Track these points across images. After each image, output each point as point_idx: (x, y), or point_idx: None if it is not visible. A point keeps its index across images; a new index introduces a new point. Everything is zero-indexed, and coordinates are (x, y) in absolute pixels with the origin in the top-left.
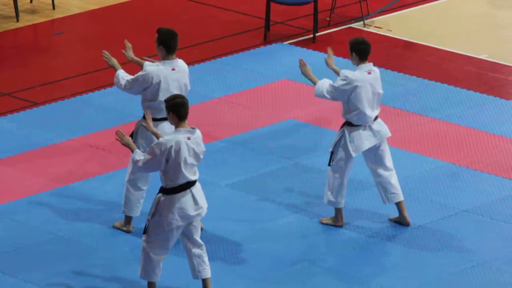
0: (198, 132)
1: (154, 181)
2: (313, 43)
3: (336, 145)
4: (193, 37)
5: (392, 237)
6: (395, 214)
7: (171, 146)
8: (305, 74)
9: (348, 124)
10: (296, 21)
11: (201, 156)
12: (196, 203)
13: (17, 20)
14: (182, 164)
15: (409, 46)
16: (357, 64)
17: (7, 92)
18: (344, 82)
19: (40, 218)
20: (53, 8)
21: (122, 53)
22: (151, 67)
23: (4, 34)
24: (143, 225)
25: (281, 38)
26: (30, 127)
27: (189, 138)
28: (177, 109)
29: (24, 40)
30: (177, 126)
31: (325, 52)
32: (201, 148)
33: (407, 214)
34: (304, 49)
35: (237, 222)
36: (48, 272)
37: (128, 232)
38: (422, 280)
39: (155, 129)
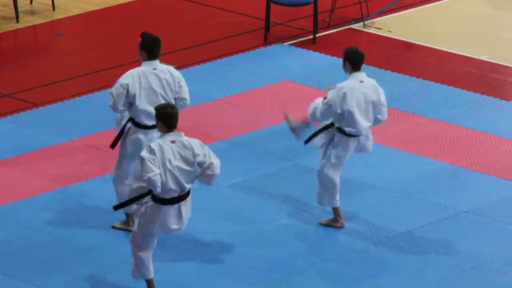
0: (184, 137)
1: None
2: (313, 44)
3: (325, 152)
4: (193, 38)
5: (392, 238)
6: (394, 214)
7: (155, 149)
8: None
9: (340, 130)
10: (296, 22)
11: (194, 160)
12: (180, 218)
13: (17, 21)
14: (167, 167)
15: (409, 47)
16: (350, 73)
17: (7, 93)
18: (332, 94)
19: (39, 219)
20: (53, 9)
21: (121, 53)
22: (127, 72)
23: (4, 35)
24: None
25: (281, 39)
26: (29, 128)
27: (173, 142)
28: (167, 119)
29: (24, 41)
30: (165, 133)
31: (325, 52)
32: (188, 151)
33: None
34: (304, 50)
35: (237, 223)
36: (48, 273)
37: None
38: (422, 281)
39: None
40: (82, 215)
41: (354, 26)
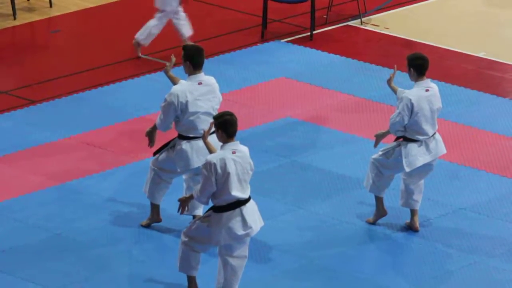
0: (242, 146)
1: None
2: (310, 41)
3: (388, 153)
4: (190, 35)
5: (390, 235)
6: (391, 212)
7: (215, 164)
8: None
9: (404, 138)
10: (293, 19)
11: (250, 171)
12: (245, 223)
13: (14, 18)
14: (230, 180)
15: (406, 44)
16: (415, 81)
17: (4, 90)
18: (404, 104)
19: (37, 216)
20: (50, 6)
21: (118, 51)
22: (175, 87)
23: (1, 32)
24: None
25: (278, 36)
26: (27, 125)
27: (234, 152)
28: (226, 127)
29: (21, 38)
30: (224, 143)
31: (322, 49)
32: (246, 161)
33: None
34: (302, 47)
35: None
36: (46, 270)
37: (158, 221)
38: (419, 278)
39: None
40: (79, 212)
41: (351, 23)
